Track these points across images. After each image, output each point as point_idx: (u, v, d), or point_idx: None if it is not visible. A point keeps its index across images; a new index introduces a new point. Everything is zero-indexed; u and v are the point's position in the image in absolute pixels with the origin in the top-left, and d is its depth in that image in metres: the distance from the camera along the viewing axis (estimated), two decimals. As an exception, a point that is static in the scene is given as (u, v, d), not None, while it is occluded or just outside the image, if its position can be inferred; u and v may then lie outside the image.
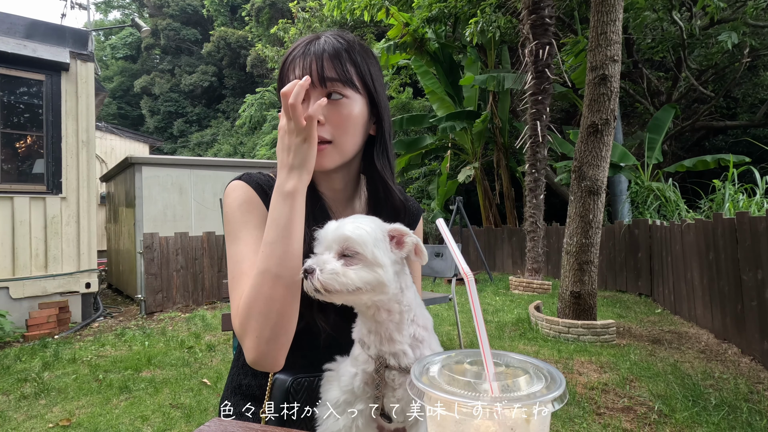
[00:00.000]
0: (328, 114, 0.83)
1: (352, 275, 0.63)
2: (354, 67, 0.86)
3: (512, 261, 9.78)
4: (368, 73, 0.88)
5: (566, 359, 3.73)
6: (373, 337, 0.69)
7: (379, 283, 0.65)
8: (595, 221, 4.41)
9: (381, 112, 0.91)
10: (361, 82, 0.87)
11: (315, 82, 0.82)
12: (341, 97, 0.84)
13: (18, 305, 5.16)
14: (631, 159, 7.93)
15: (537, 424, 0.39)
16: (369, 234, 0.65)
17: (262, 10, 21.98)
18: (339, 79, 0.83)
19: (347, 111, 0.84)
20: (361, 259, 0.64)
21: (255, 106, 21.23)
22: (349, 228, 0.66)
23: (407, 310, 0.69)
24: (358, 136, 0.88)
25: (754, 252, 3.49)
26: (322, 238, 0.69)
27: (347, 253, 0.65)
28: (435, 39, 9.91)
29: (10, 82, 5.41)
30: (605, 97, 4.31)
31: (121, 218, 8.14)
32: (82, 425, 2.78)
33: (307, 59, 0.84)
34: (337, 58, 0.84)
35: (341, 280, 0.63)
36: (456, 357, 0.47)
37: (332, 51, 0.84)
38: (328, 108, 0.83)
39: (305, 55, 0.84)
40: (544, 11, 6.88)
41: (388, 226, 0.70)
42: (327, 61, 0.83)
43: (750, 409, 2.67)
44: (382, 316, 0.68)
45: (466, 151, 10.93)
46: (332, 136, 0.84)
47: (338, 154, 0.86)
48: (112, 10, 34.71)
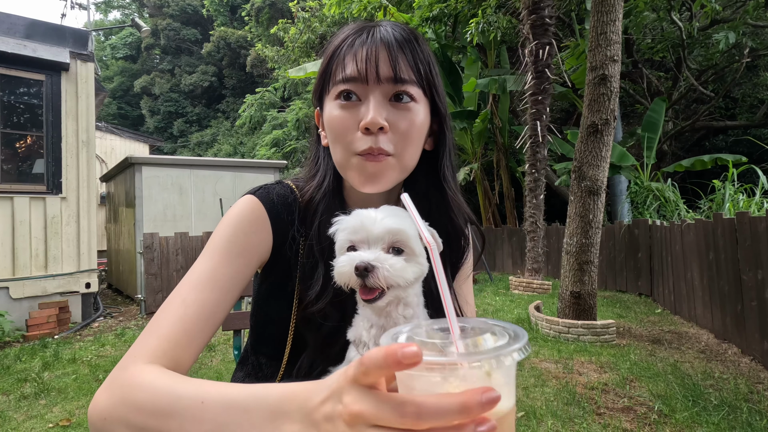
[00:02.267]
0: (392, 120, 0.67)
1: (409, 270, 0.61)
2: (422, 63, 0.69)
3: (512, 261, 9.79)
4: (435, 74, 0.72)
5: (566, 359, 3.73)
6: (375, 332, 0.66)
7: (422, 273, 0.64)
8: (595, 221, 4.41)
9: (446, 120, 0.75)
10: (429, 85, 0.71)
11: (382, 79, 0.66)
12: (410, 101, 0.68)
13: (18, 305, 5.16)
14: (630, 159, 7.93)
15: (500, 377, 0.40)
16: (412, 226, 0.62)
17: (262, 10, 21.99)
18: (412, 78, 0.68)
19: (414, 117, 0.69)
20: (408, 252, 0.62)
21: (255, 106, 21.23)
22: (396, 221, 0.61)
23: (418, 303, 0.67)
24: (419, 148, 0.73)
25: (754, 252, 3.49)
26: (361, 230, 0.61)
27: (396, 246, 0.62)
28: (435, 39, 9.91)
29: (10, 82, 5.40)
30: (605, 97, 4.31)
31: (121, 218, 8.14)
32: (82, 425, 2.78)
33: (373, 49, 0.66)
34: (410, 51, 0.68)
35: (404, 275, 0.60)
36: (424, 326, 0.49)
37: (401, 40, 0.68)
38: (392, 112, 0.68)
39: (370, 42, 0.67)
40: (544, 11, 6.88)
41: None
42: (400, 54, 0.67)
43: (750, 409, 2.67)
44: (399, 310, 0.65)
45: (466, 151, 10.93)
46: (395, 147, 0.68)
47: (399, 171, 0.70)
48: (112, 10, 34.72)
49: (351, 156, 0.69)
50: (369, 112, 0.66)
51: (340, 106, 0.69)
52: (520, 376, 3.39)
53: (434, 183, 0.77)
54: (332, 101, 0.70)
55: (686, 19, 9.07)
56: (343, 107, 0.69)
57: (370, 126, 0.65)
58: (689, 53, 9.82)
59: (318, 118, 0.79)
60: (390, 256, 0.61)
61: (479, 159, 10.66)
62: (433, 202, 0.77)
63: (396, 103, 0.68)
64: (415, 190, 0.75)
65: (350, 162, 0.69)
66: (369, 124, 0.65)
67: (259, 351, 0.87)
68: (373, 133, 0.67)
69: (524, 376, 3.38)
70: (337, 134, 0.70)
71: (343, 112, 0.69)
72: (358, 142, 0.68)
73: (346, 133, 0.68)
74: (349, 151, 0.69)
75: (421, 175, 0.77)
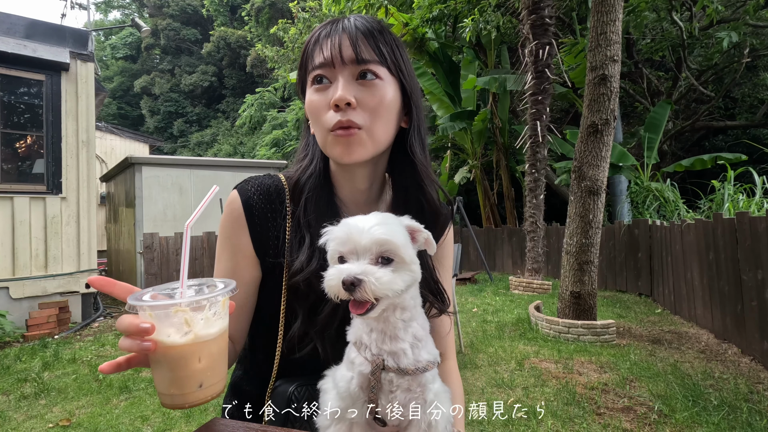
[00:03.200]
0: (360, 96, 0.74)
1: (399, 280, 0.61)
2: (387, 48, 0.77)
3: (512, 261, 9.78)
4: (401, 57, 0.79)
5: (566, 359, 3.73)
6: (375, 336, 0.66)
7: (414, 281, 0.64)
8: (595, 221, 4.41)
9: (415, 100, 0.82)
10: (395, 66, 0.78)
11: (346, 60, 0.73)
12: (375, 78, 0.75)
13: (18, 305, 5.16)
14: (630, 159, 7.93)
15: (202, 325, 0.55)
16: (402, 234, 0.62)
17: (262, 10, 22.00)
18: (374, 58, 0.74)
19: (381, 93, 0.75)
20: (398, 261, 0.62)
21: (255, 106, 21.24)
22: (384, 231, 0.61)
23: (414, 306, 0.67)
24: (391, 124, 0.79)
25: (754, 252, 3.49)
26: (348, 241, 0.62)
27: (385, 256, 0.61)
28: (435, 39, 9.91)
29: (10, 82, 5.40)
30: (605, 97, 4.31)
31: (121, 218, 8.14)
32: (82, 425, 2.78)
33: (336, 37, 0.74)
34: (371, 36, 0.75)
35: (393, 287, 0.60)
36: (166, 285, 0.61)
37: (365, 29, 0.76)
38: (360, 89, 0.74)
39: (333, 33, 0.75)
40: (544, 11, 6.88)
41: (404, 221, 0.66)
42: (361, 39, 0.74)
43: (750, 409, 2.67)
44: (396, 314, 0.66)
45: (466, 151, 10.93)
46: (364, 121, 0.74)
47: (371, 143, 0.76)
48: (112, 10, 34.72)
49: (327, 134, 0.76)
50: (338, 90, 0.72)
51: (315, 90, 0.77)
52: (520, 376, 3.40)
53: (406, 157, 0.83)
54: (309, 88, 0.78)
55: (686, 19, 9.07)
56: (317, 90, 0.76)
57: (338, 102, 0.72)
58: (689, 53, 9.83)
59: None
60: (377, 268, 0.60)
61: (479, 159, 10.66)
62: (407, 175, 0.84)
63: (363, 81, 0.75)
64: (394, 164, 0.85)
65: (327, 139, 0.76)
66: (337, 100, 0.72)
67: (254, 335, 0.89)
68: (342, 109, 0.73)
69: (524, 376, 3.38)
70: (314, 116, 0.77)
71: (317, 95, 0.76)
72: (330, 120, 0.74)
73: (320, 112, 0.76)
74: (325, 129, 0.76)
75: (397, 151, 0.84)
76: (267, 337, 0.85)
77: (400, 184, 0.85)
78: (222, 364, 0.60)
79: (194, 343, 0.55)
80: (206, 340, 0.56)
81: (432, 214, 0.85)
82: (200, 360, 0.55)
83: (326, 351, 0.77)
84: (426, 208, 0.84)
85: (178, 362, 0.55)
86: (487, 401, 2.98)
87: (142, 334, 0.53)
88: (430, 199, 0.84)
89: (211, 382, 0.57)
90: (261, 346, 0.87)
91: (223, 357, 0.60)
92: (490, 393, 3.11)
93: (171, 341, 0.54)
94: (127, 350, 0.54)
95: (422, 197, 0.84)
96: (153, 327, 0.53)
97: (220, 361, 0.59)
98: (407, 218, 0.67)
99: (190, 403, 0.56)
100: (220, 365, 0.59)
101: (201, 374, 0.56)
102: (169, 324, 0.54)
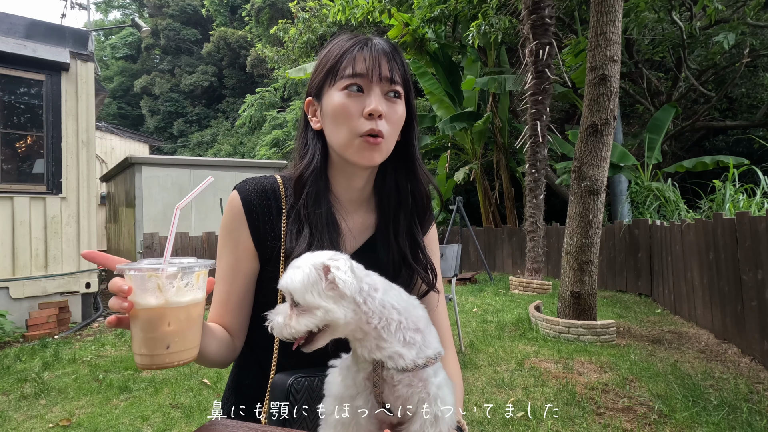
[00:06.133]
0: (386, 111, 0.85)
1: (294, 323, 0.66)
2: (404, 69, 0.88)
3: (512, 261, 9.78)
4: (409, 76, 0.91)
5: (566, 359, 3.73)
6: (361, 350, 0.70)
7: (325, 321, 0.65)
8: (595, 221, 4.41)
9: (414, 114, 0.93)
10: (406, 85, 0.89)
11: (382, 78, 0.84)
12: (398, 98, 0.87)
13: (18, 305, 5.16)
14: (630, 159, 7.93)
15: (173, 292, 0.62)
16: (298, 280, 0.65)
17: (262, 10, 21.98)
18: (398, 80, 0.86)
19: (400, 110, 0.87)
20: (302, 306, 0.66)
21: (255, 106, 21.22)
22: (284, 279, 0.67)
23: (385, 325, 0.68)
24: (397, 136, 0.90)
25: (754, 252, 3.49)
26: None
27: (294, 301, 0.66)
28: (435, 39, 9.91)
29: (10, 82, 5.40)
30: (605, 97, 4.31)
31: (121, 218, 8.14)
32: (82, 425, 2.78)
33: (373, 55, 0.84)
34: (395, 59, 0.86)
35: (288, 331, 0.66)
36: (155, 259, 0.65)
37: (391, 51, 0.87)
38: (387, 104, 0.85)
39: (370, 51, 0.85)
40: (544, 11, 6.88)
41: (322, 259, 0.67)
42: (393, 61, 0.86)
43: (750, 409, 2.67)
44: (358, 335, 0.69)
45: (466, 151, 10.93)
46: (387, 132, 0.85)
47: (386, 152, 0.87)
48: (112, 10, 34.72)
49: (355, 137, 0.83)
50: (373, 102, 0.82)
51: (347, 95, 0.83)
52: (520, 376, 3.40)
53: (405, 164, 0.95)
54: (338, 91, 0.84)
55: (686, 19, 9.07)
56: (349, 96, 0.83)
57: (373, 112, 0.81)
58: (689, 53, 9.82)
59: (308, 106, 0.92)
60: (285, 310, 0.68)
61: (479, 159, 10.66)
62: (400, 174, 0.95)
63: (390, 98, 0.85)
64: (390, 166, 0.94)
65: (354, 142, 0.84)
66: (373, 110, 0.81)
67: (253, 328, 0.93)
68: (374, 119, 0.82)
69: (524, 376, 3.38)
70: (343, 118, 0.84)
71: (349, 100, 0.83)
72: (362, 126, 0.83)
73: (352, 117, 0.83)
74: (354, 132, 0.83)
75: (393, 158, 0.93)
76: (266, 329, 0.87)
77: (395, 183, 0.95)
78: (192, 334, 0.66)
79: (164, 307, 0.62)
80: (175, 307, 0.62)
81: (422, 210, 0.97)
82: (169, 324, 0.62)
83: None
84: (418, 204, 0.96)
85: (149, 323, 0.62)
86: (488, 401, 2.98)
87: (121, 294, 0.61)
88: (424, 193, 0.96)
89: (180, 347, 0.64)
90: (260, 340, 0.91)
91: (195, 327, 0.66)
92: (490, 393, 3.11)
93: (145, 303, 0.61)
94: (111, 308, 0.63)
95: (417, 194, 0.95)
96: (130, 289, 0.61)
97: (190, 329, 0.65)
98: (325, 259, 0.67)
99: (158, 364, 0.63)
100: (190, 334, 0.65)
101: (169, 337, 0.62)
102: (144, 288, 0.61)
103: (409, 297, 0.74)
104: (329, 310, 0.65)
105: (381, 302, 0.68)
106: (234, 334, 0.89)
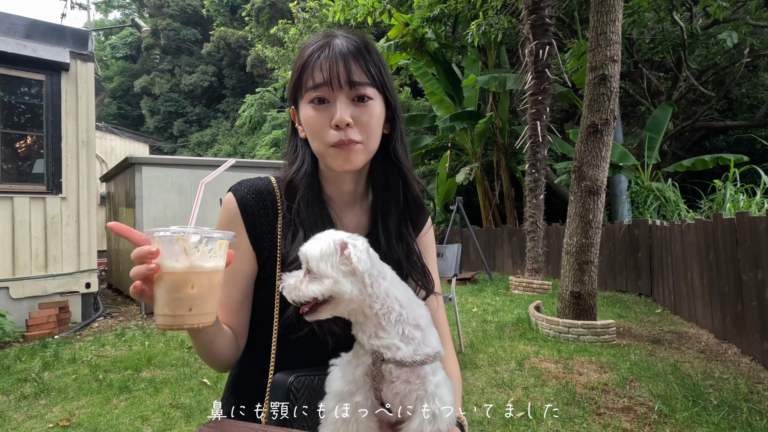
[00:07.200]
0: (356, 115, 0.83)
1: (303, 287, 0.70)
2: (374, 67, 0.85)
3: (512, 261, 9.78)
4: (385, 74, 0.88)
5: (566, 359, 3.73)
6: (361, 335, 0.73)
7: (332, 291, 0.69)
8: (595, 221, 4.41)
9: (397, 111, 0.91)
10: (381, 84, 0.87)
11: (342, 85, 0.82)
12: (368, 100, 0.84)
13: (18, 305, 5.16)
14: (630, 159, 7.93)
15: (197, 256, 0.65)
16: (317, 249, 0.69)
17: (262, 10, 21.99)
18: (365, 80, 0.83)
19: (373, 112, 0.85)
20: (314, 273, 0.70)
21: (255, 106, 21.21)
22: (304, 246, 0.71)
23: (386, 312, 0.71)
24: (380, 134, 0.89)
25: (754, 252, 3.49)
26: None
27: (308, 268, 0.70)
28: (435, 39, 9.91)
29: (10, 82, 5.40)
30: (605, 97, 4.31)
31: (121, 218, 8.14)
32: (82, 425, 2.78)
33: (331, 61, 0.82)
34: (361, 58, 0.84)
35: (296, 293, 0.70)
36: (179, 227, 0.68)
37: (354, 51, 0.84)
38: (355, 109, 0.83)
39: (327, 57, 0.82)
40: (544, 11, 6.88)
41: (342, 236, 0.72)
42: (353, 62, 0.82)
43: (750, 409, 2.67)
44: (359, 318, 0.73)
45: (467, 152, 10.93)
46: (360, 137, 0.84)
47: (365, 153, 0.86)
48: (112, 10, 34.73)
49: (327, 148, 0.84)
50: (337, 113, 0.81)
51: (313, 108, 0.84)
52: (520, 376, 3.40)
53: (390, 160, 0.94)
54: (307, 104, 0.85)
55: (686, 20, 9.07)
56: (316, 109, 0.84)
57: (339, 123, 0.81)
58: (689, 53, 9.82)
59: (294, 115, 0.94)
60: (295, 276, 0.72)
61: (479, 159, 10.66)
62: (390, 174, 0.94)
63: (358, 103, 0.84)
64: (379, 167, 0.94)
65: (327, 152, 0.85)
66: (338, 122, 0.81)
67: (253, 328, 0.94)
68: (342, 129, 0.82)
69: (524, 376, 3.38)
70: (314, 131, 0.85)
71: (316, 113, 0.84)
72: (331, 137, 0.83)
73: (321, 129, 0.84)
74: (325, 144, 0.84)
75: (380, 154, 0.92)
76: (265, 328, 0.90)
77: (384, 183, 0.94)
78: (212, 300, 0.69)
79: (189, 271, 0.65)
80: (199, 272, 0.65)
81: (417, 208, 0.97)
82: (193, 287, 0.65)
83: (323, 330, 0.82)
84: (411, 203, 0.95)
85: (174, 285, 0.65)
86: (488, 401, 2.98)
87: (149, 257, 0.63)
88: (416, 196, 0.96)
89: (201, 311, 0.67)
90: (259, 340, 0.92)
91: (214, 294, 0.69)
92: (490, 393, 3.11)
93: (171, 266, 0.64)
94: (135, 276, 0.64)
95: (408, 194, 0.95)
96: (158, 251, 0.63)
97: (210, 295, 0.68)
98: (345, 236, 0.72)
99: (179, 324, 0.65)
100: (210, 299, 0.68)
101: (192, 300, 0.66)
102: (171, 251, 0.64)
103: (414, 296, 0.77)
104: (338, 282, 0.69)
105: (386, 290, 0.72)
106: (237, 334, 0.90)
